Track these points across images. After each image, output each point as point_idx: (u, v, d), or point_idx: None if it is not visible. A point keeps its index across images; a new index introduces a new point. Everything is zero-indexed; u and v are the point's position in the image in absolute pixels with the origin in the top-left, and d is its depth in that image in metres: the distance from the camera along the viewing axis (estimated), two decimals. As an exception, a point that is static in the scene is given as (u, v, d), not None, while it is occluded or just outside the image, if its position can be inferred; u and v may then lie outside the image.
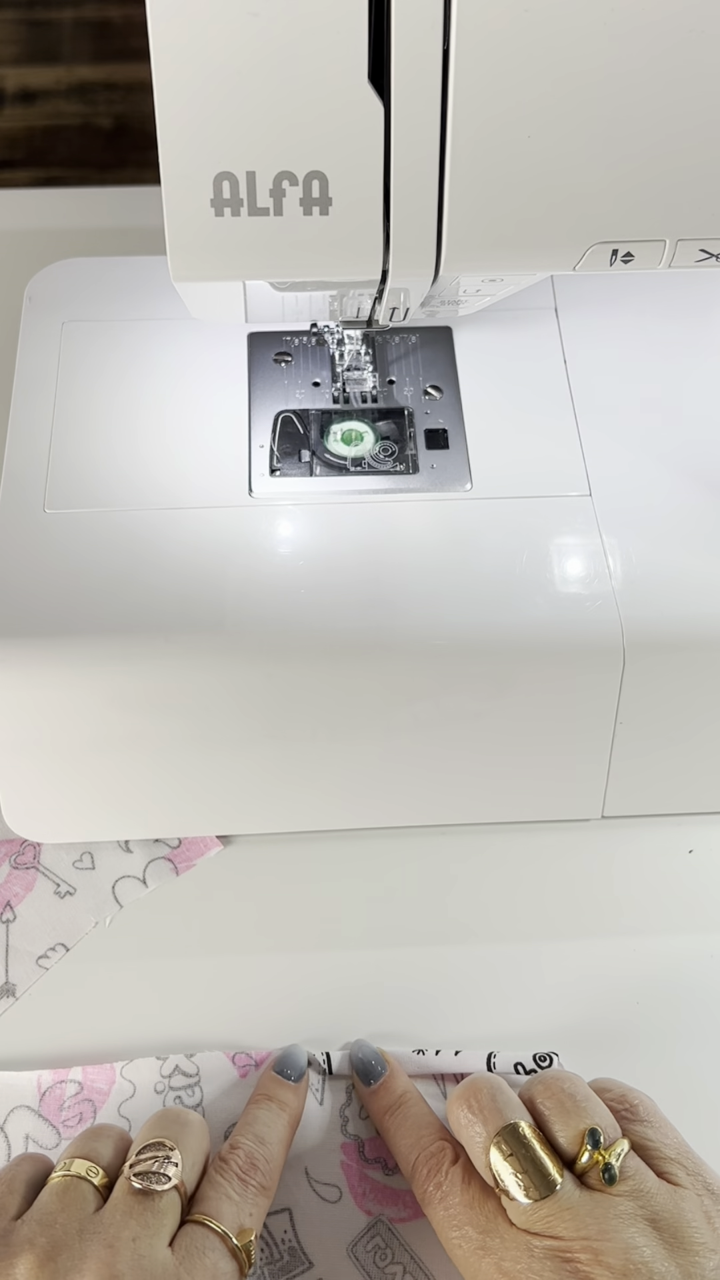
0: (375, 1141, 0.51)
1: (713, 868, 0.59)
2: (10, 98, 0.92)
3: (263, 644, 0.55)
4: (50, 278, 0.67)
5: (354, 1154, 0.51)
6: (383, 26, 0.40)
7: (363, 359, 0.63)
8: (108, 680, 0.54)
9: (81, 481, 0.59)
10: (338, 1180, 0.50)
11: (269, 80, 0.41)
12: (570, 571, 0.57)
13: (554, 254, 0.45)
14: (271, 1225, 0.49)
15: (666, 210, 0.44)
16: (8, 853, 0.59)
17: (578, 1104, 0.46)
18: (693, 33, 0.40)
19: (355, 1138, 0.51)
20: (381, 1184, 0.50)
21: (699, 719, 0.57)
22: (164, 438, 0.61)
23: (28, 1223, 0.44)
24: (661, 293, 0.67)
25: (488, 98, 0.41)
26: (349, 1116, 0.52)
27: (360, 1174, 0.51)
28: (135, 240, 0.76)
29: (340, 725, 0.56)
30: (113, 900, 0.58)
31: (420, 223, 0.44)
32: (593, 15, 0.40)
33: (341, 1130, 0.51)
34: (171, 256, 0.44)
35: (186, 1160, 0.45)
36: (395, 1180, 0.50)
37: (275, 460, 0.61)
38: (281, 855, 0.59)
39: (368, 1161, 0.51)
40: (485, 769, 0.58)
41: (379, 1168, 0.51)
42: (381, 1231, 0.49)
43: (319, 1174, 0.51)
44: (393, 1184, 0.50)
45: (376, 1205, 0.50)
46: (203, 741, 0.56)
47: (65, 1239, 0.43)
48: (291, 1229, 0.49)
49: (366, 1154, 0.51)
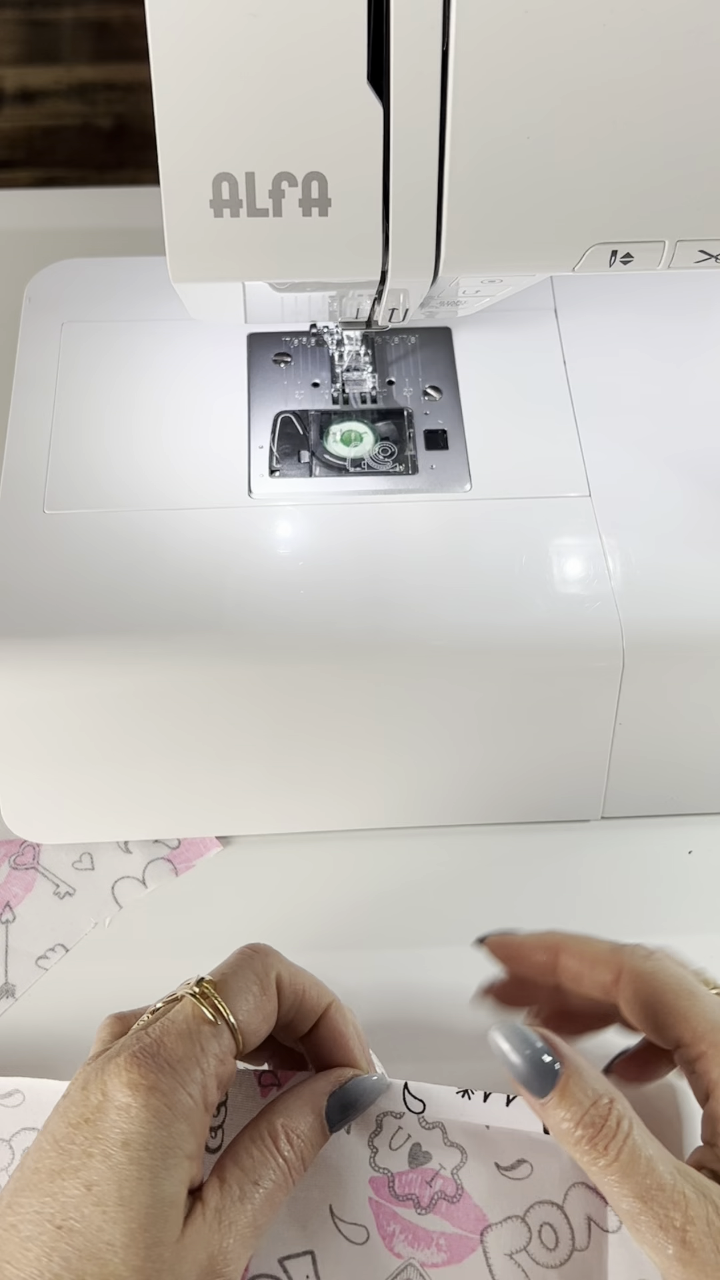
0: (407, 1176, 0.45)
1: (713, 868, 0.59)
2: (10, 98, 0.92)
3: (263, 644, 0.55)
4: (50, 278, 0.67)
5: (384, 1190, 0.45)
6: (382, 27, 0.40)
7: (362, 359, 0.63)
8: (108, 680, 0.54)
9: (81, 482, 0.59)
10: (365, 1220, 0.45)
11: (269, 80, 0.41)
12: (570, 572, 0.57)
13: (554, 254, 0.45)
14: (293, 1270, 0.45)
15: (666, 210, 0.44)
16: (7, 853, 0.59)
17: None
18: (692, 33, 0.40)
19: (385, 1171, 0.46)
20: (413, 1224, 0.45)
21: (699, 719, 0.57)
22: (163, 438, 0.61)
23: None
24: (661, 293, 0.67)
25: (487, 98, 0.41)
26: (378, 1147, 0.46)
27: (390, 1213, 0.45)
28: (135, 240, 0.76)
29: (340, 725, 0.56)
30: (112, 901, 0.58)
31: (420, 223, 0.44)
32: (593, 16, 0.40)
33: (370, 1163, 0.46)
34: (171, 257, 0.45)
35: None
36: (429, 1220, 0.45)
37: (275, 461, 0.61)
38: (281, 855, 0.59)
39: (399, 1198, 0.45)
40: (485, 769, 0.58)
41: (411, 1205, 0.45)
42: (412, 1276, 0.44)
43: (344, 1212, 0.45)
44: (426, 1224, 0.45)
45: (408, 1248, 0.45)
46: (203, 741, 0.56)
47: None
48: (314, 1273, 0.45)
49: (398, 1190, 0.46)
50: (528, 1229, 0.45)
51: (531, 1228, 0.45)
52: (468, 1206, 0.45)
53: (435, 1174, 0.45)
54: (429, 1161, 0.45)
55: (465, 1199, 0.45)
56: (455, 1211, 0.45)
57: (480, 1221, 0.45)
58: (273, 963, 0.44)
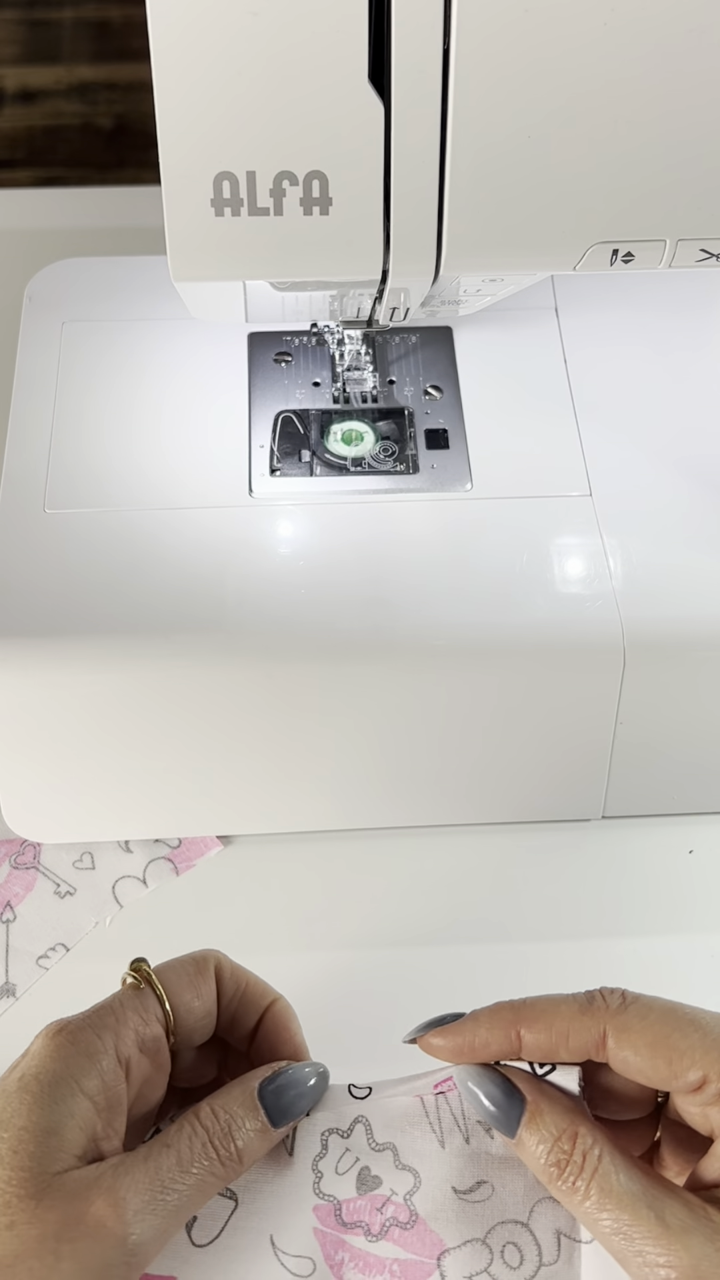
0: (356, 1203, 0.41)
1: (713, 868, 0.59)
2: (10, 98, 0.92)
3: (263, 644, 0.55)
4: (50, 278, 0.67)
5: (330, 1218, 0.41)
6: (383, 26, 0.40)
7: (363, 359, 0.63)
8: (107, 680, 0.54)
9: (81, 481, 0.59)
10: (310, 1251, 0.41)
11: (269, 80, 0.41)
12: (570, 571, 0.57)
13: (554, 254, 0.45)
14: None
15: (666, 210, 0.44)
16: (8, 853, 0.59)
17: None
18: (693, 33, 0.40)
19: (331, 1198, 0.41)
20: (364, 1251, 0.41)
21: (699, 719, 0.57)
22: (164, 438, 0.61)
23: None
24: (661, 292, 0.67)
25: (488, 98, 0.41)
26: (323, 1171, 0.42)
27: (338, 1240, 0.41)
28: (135, 240, 0.76)
29: (340, 725, 0.56)
30: (113, 900, 0.58)
31: (420, 223, 0.44)
32: (593, 15, 0.40)
33: (315, 1189, 0.42)
34: (171, 256, 0.44)
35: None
36: (381, 1247, 0.41)
37: (275, 460, 0.61)
38: (281, 855, 0.59)
39: (347, 1226, 0.41)
40: (485, 769, 0.58)
41: (360, 1233, 0.41)
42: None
43: (287, 1244, 0.41)
44: (377, 1251, 0.41)
45: (358, 1275, 0.41)
46: (203, 741, 0.56)
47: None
48: None
49: (345, 1218, 0.41)
50: (489, 1250, 0.41)
51: (493, 1249, 0.41)
52: (423, 1233, 0.41)
53: (386, 1200, 0.41)
54: (379, 1187, 0.42)
55: (420, 1225, 0.41)
56: (409, 1238, 0.41)
57: (437, 1247, 0.41)
58: (213, 954, 0.45)
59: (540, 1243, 0.42)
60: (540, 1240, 0.42)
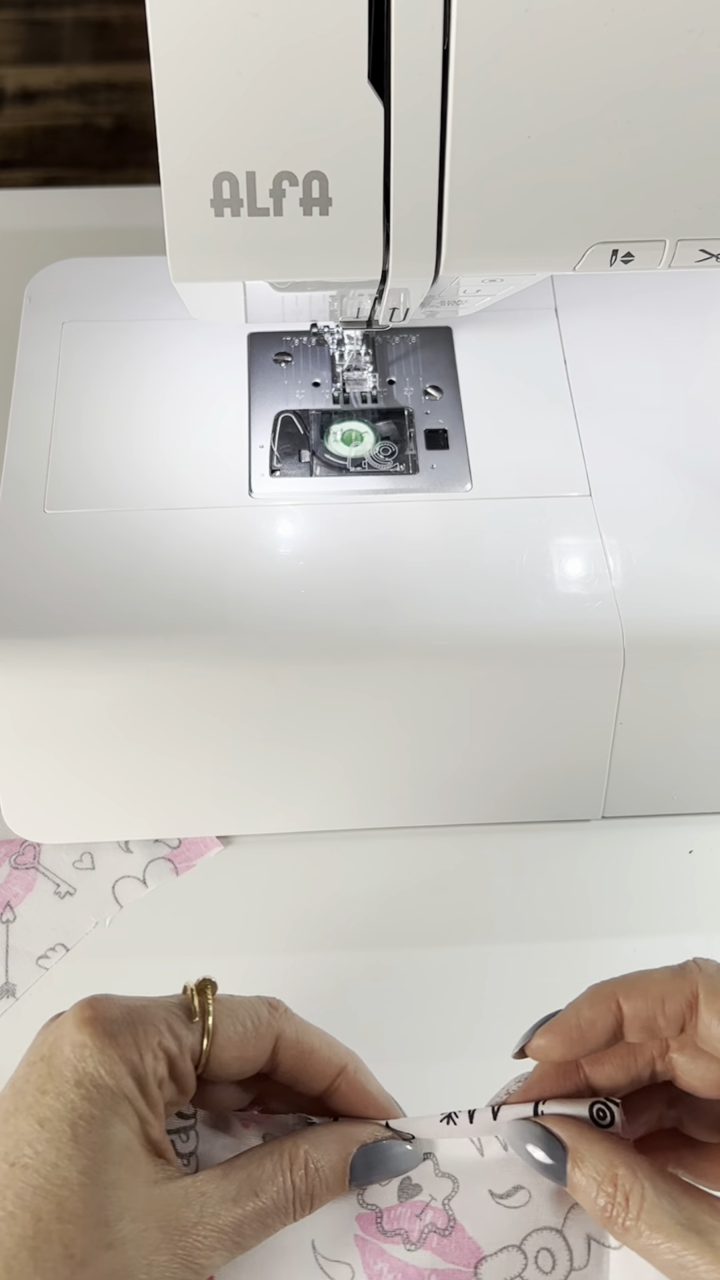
0: (396, 1210, 0.42)
1: (713, 868, 0.59)
2: (10, 98, 0.92)
3: (263, 644, 0.55)
4: (50, 278, 0.67)
5: (371, 1227, 0.42)
6: (383, 26, 0.40)
7: (363, 359, 0.63)
8: (107, 680, 0.54)
9: (81, 481, 0.59)
10: (350, 1258, 0.42)
11: (269, 80, 0.41)
12: (570, 571, 0.57)
13: (554, 254, 0.45)
14: None
15: (666, 210, 0.44)
16: (8, 853, 0.59)
17: None
18: (693, 33, 0.40)
19: (373, 1207, 0.42)
20: (403, 1262, 0.42)
21: (699, 719, 0.57)
22: (164, 438, 0.61)
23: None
24: (661, 292, 0.67)
25: (488, 98, 0.41)
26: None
27: (378, 1250, 0.42)
28: (135, 240, 0.76)
29: (340, 725, 0.56)
30: (113, 900, 0.58)
31: (420, 223, 0.44)
32: (593, 15, 0.40)
33: (358, 1200, 0.42)
34: (171, 256, 0.44)
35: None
36: (419, 1257, 0.42)
37: (275, 460, 0.61)
38: (281, 855, 0.59)
39: (387, 1234, 0.42)
40: (485, 769, 0.58)
41: (400, 1240, 0.42)
42: None
43: (328, 1250, 0.42)
44: (415, 1261, 0.42)
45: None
46: (203, 741, 0.56)
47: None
48: None
49: (385, 1225, 0.42)
50: (524, 1256, 0.42)
51: (528, 1254, 0.42)
52: (460, 1239, 0.42)
53: (425, 1205, 0.42)
54: (419, 1194, 0.43)
55: (458, 1230, 0.42)
56: (447, 1246, 0.42)
57: (475, 1254, 0.42)
58: (280, 1018, 0.43)
59: (572, 1247, 0.42)
60: (572, 1245, 0.42)
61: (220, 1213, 0.39)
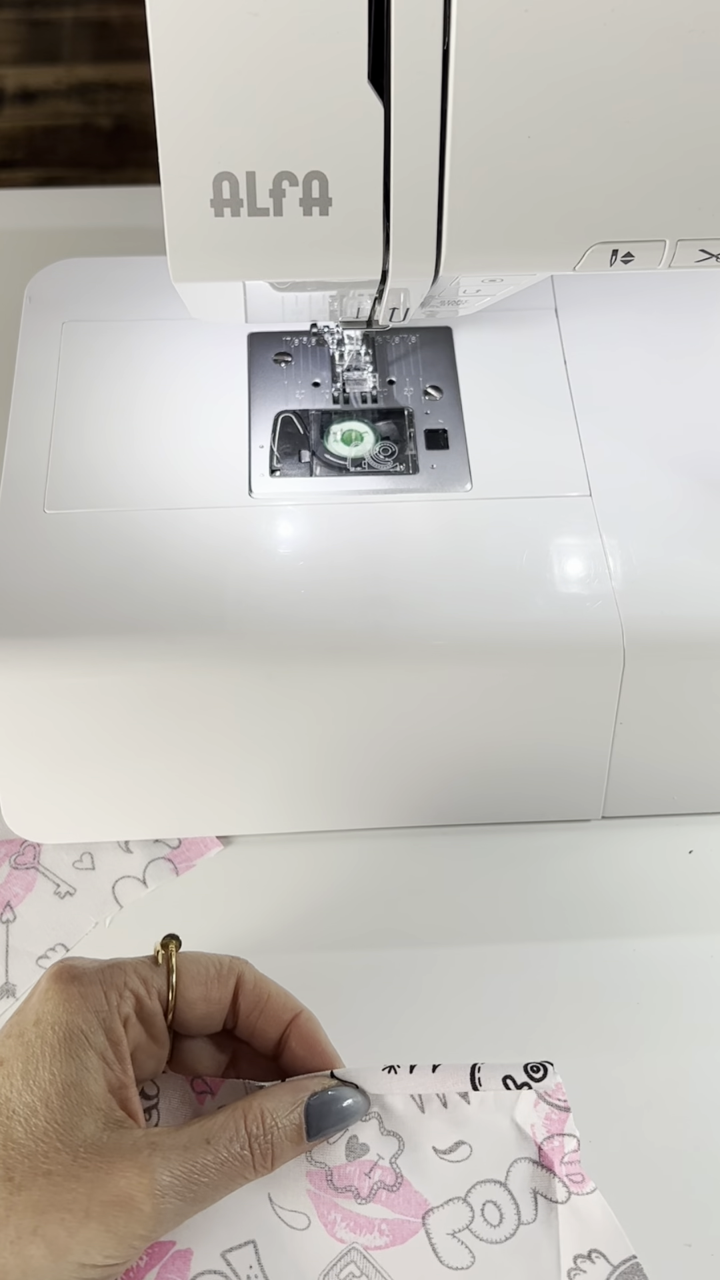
0: (345, 1169, 0.46)
1: (713, 868, 0.59)
2: (10, 98, 0.92)
3: (263, 644, 0.55)
4: (50, 278, 0.67)
5: (322, 1182, 0.46)
6: (383, 26, 0.40)
7: (363, 359, 0.63)
8: (107, 680, 0.54)
9: (81, 481, 0.59)
10: (305, 1208, 0.46)
11: (269, 80, 0.41)
12: (570, 571, 0.57)
13: (554, 254, 0.45)
14: (235, 1262, 0.45)
15: (666, 210, 0.44)
16: (8, 853, 0.59)
17: None
18: (693, 32, 0.40)
19: (322, 1165, 0.46)
20: (354, 1212, 0.46)
21: (699, 719, 0.57)
22: (164, 438, 0.61)
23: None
24: (661, 292, 0.67)
25: (488, 97, 0.41)
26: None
27: (330, 1203, 0.46)
28: (135, 240, 0.76)
29: (340, 724, 0.56)
30: (113, 900, 0.58)
31: (420, 223, 0.44)
32: (593, 15, 0.40)
33: (307, 1158, 0.46)
34: (171, 256, 0.45)
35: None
36: (370, 1209, 0.46)
37: (275, 460, 0.61)
38: (281, 855, 0.59)
39: (338, 1190, 0.46)
40: (485, 769, 0.58)
41: (350, 1196, 0.46)
42: (356, 1259, 0.45)
43: (284, 1201, 0.46)
44: (367, 1213, 0.45)
45: (350, 1234, 0.45)
46: (203, 741, 0.56)
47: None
48: (257, 1263, 0.45)
49: (336, 1182, 0.46)
50: (470, 1208, 0.46)
51: (474, 1207, 0.46)
52: (408, 1193, 0.46)
53: (374, 1165, 0.46)
54: (366, 1153, 0.46)
55: (405, 1186, 0.46)
56: (395, 1199, 0.46)
57: (421, 1206, 0.46)
58: (239, 965, 0.47)
59: (519, 1202, 0.45)
60: (519, 1199, 0.45)
61: (171, 1158, 0.41)
